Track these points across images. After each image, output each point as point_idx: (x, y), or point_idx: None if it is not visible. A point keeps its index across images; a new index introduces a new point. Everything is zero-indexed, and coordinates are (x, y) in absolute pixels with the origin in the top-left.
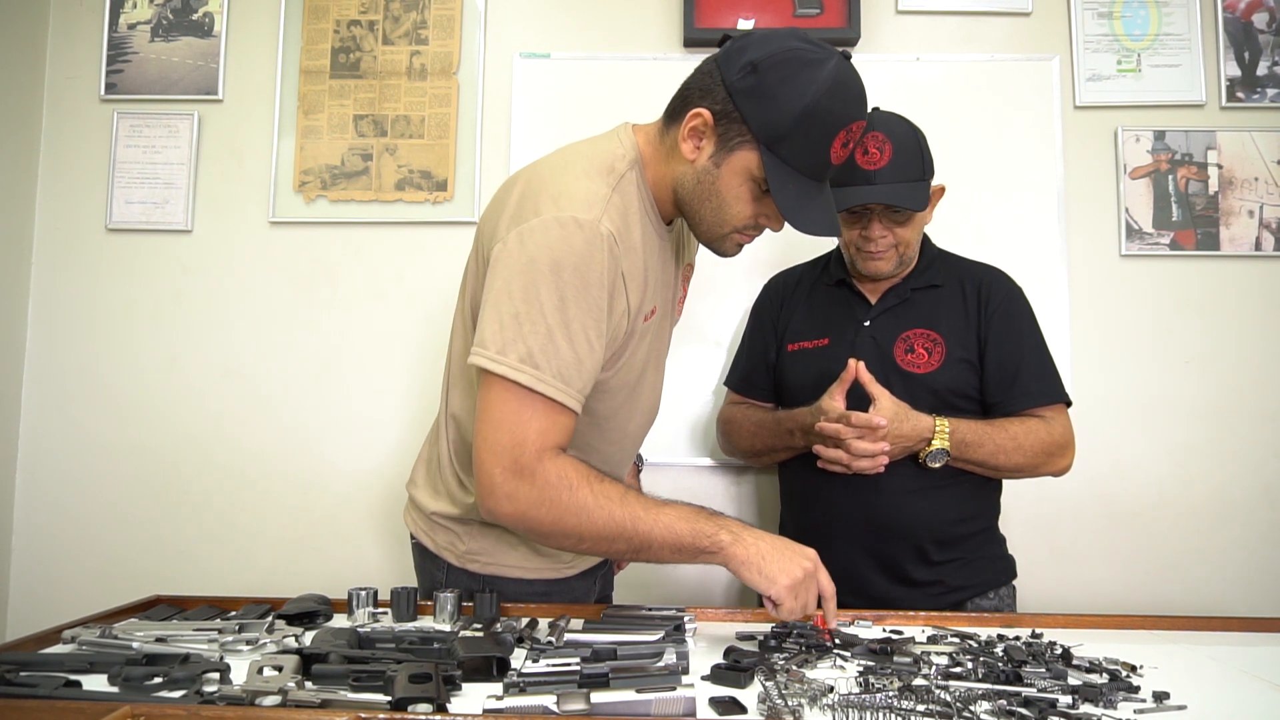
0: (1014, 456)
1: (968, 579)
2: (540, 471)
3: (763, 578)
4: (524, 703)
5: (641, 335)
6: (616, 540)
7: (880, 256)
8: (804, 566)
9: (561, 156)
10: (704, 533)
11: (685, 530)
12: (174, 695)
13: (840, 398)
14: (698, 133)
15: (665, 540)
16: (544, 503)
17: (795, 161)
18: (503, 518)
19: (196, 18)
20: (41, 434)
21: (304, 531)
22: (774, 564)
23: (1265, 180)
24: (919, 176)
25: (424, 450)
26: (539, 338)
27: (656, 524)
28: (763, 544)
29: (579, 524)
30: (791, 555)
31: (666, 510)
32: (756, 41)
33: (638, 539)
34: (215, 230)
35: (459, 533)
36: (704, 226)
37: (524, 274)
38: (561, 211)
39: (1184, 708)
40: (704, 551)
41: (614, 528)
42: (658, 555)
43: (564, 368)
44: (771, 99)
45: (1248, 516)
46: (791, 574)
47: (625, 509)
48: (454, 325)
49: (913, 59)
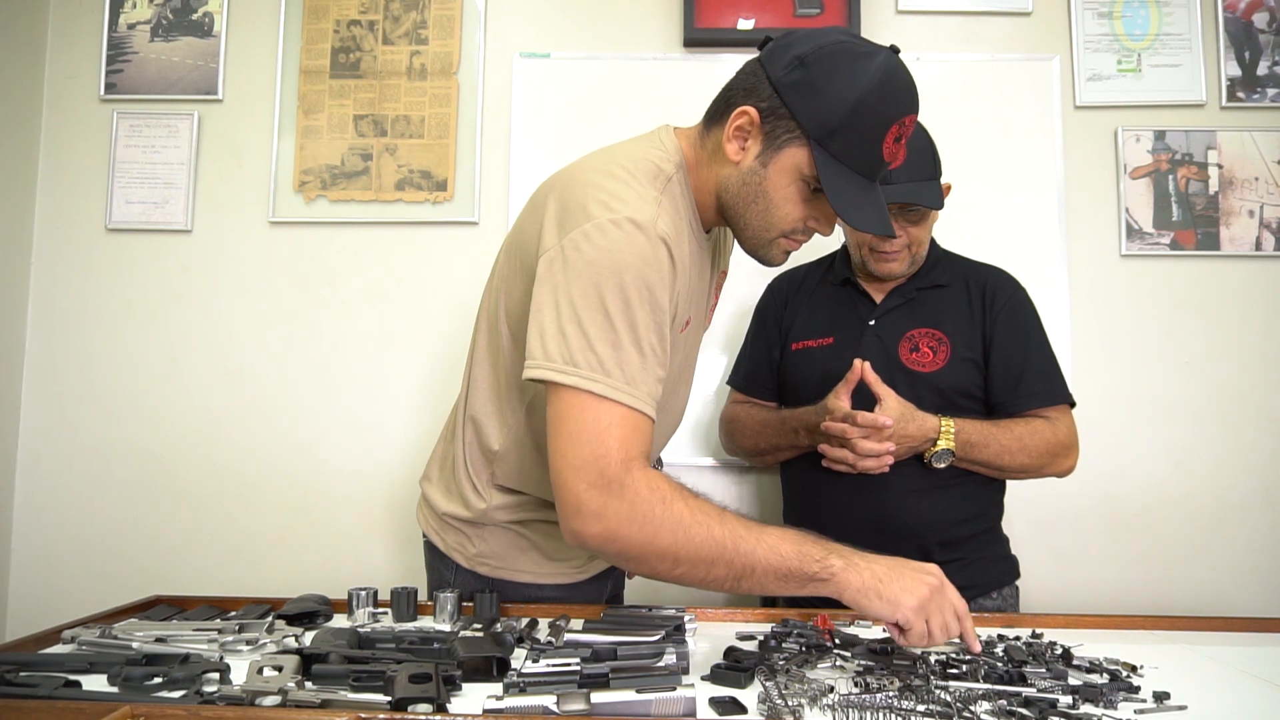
0: (1019, 457)
1: (971, 579)
2: (630, 484)
3: (884, 602)
4: (524, 703)
5: (675, 348)
6: (716, 563)
7: (894, 257)
8: (929, 583)
9: (601, 160)
10: (812, 556)
11: (792, 553)
12: (174, 695)
13: (846, 397)
14: (743, 132)
15: (770, 564)
16: (635, 519)
17: (847, 158)
18: (591, 539)
19: (196, 18)
20: (41, 434)
21: (304, 531)
22: (894, 585)
23: (1265, 180)
24: (932, 175)
25: (439, 447)
26: (606, 345)
27: (760, 544)
28: (877, 566)
29: (674, 542)
30: (911, 574)
31: (770, 531)
32: (802, 38)
33: (739, 561)
34: (215, 230)
35: (469, 535)
36: (749, 232)
37: (584, 280)
38: (616, 214)
39: (1184, 708)
40: (813, 578)
41: (713, 547)
42: (760, 582)
43: (635, 373)
44: (821, 92)
45: (1248, 516)
46: (917, 593)
47: (725, 527)
48: (477, 325)
49: (913, 59)
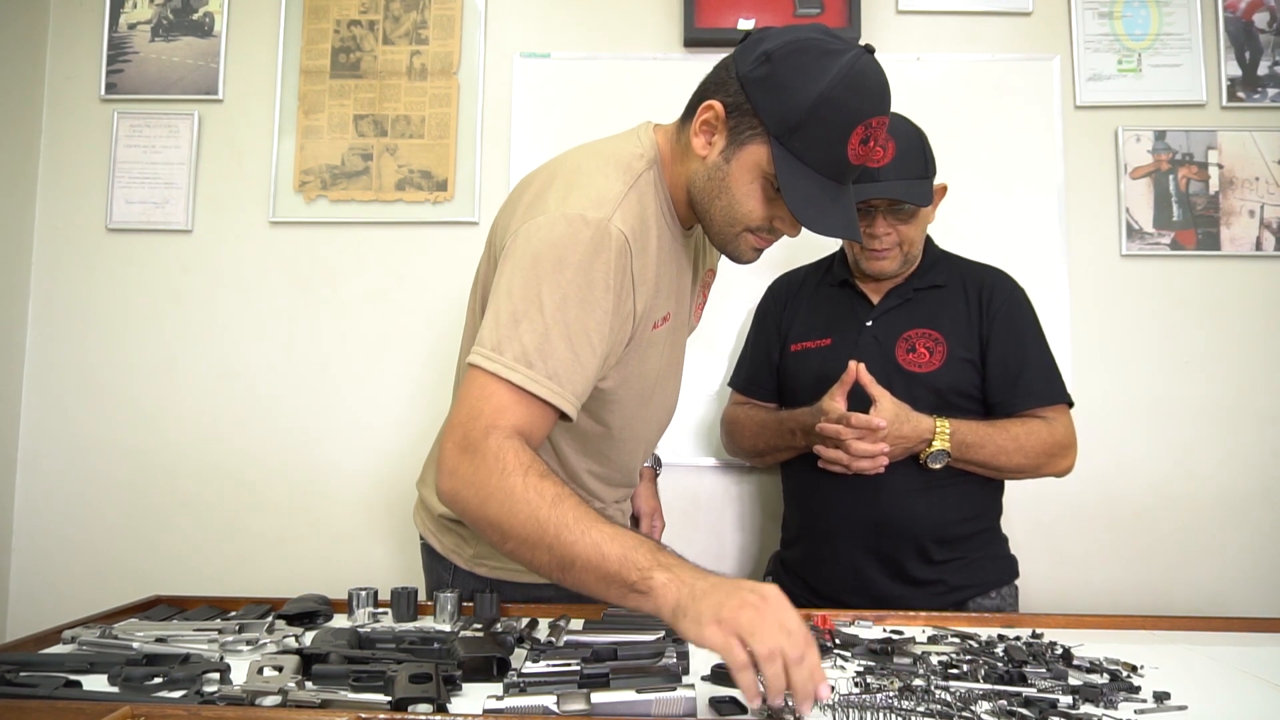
0: (1015, 457)
1: (970, 578)
2: (483, 449)
3: (688, 621)
4: (524, 703)
5: (651, 344)
6: (538, 547)
7: (884, 255)
8: (747, 600)
9: (578, 154)
10: (635, 564)
11: (615, 555)
12: (174, 695)
13: (841, 398)
14: (709, 126)
15: (590, 561)
16: (474, 483)
17: (809, 157)
18: (442, 495)
19: (196, 17)
20: (41, 434)
21: (304, 531)
22: (703, 602)
23: (1266, 180)
24: (922, 174)
25: (434, 449)
26: (535, 336)
27: (584, 538)
28: (700, 584)
29: (500, 514)
30: (729, 591)
31: (601, 528)
32: (774, 33)
33: (560, 550)
34: (215, 230)
35: (465, 536)
36: (715, 227)
37: (526, 272)
38: (569, 208)
39: (1184, 708)
40: (632, 588)
41: (535, 530)
42: (581, 579)
43: (559, 368)
44: (784, 88)
45: (1249, 516)
46: (726, 608)
47: (555, 511)
48: (466, 325)
49: (913, 59)
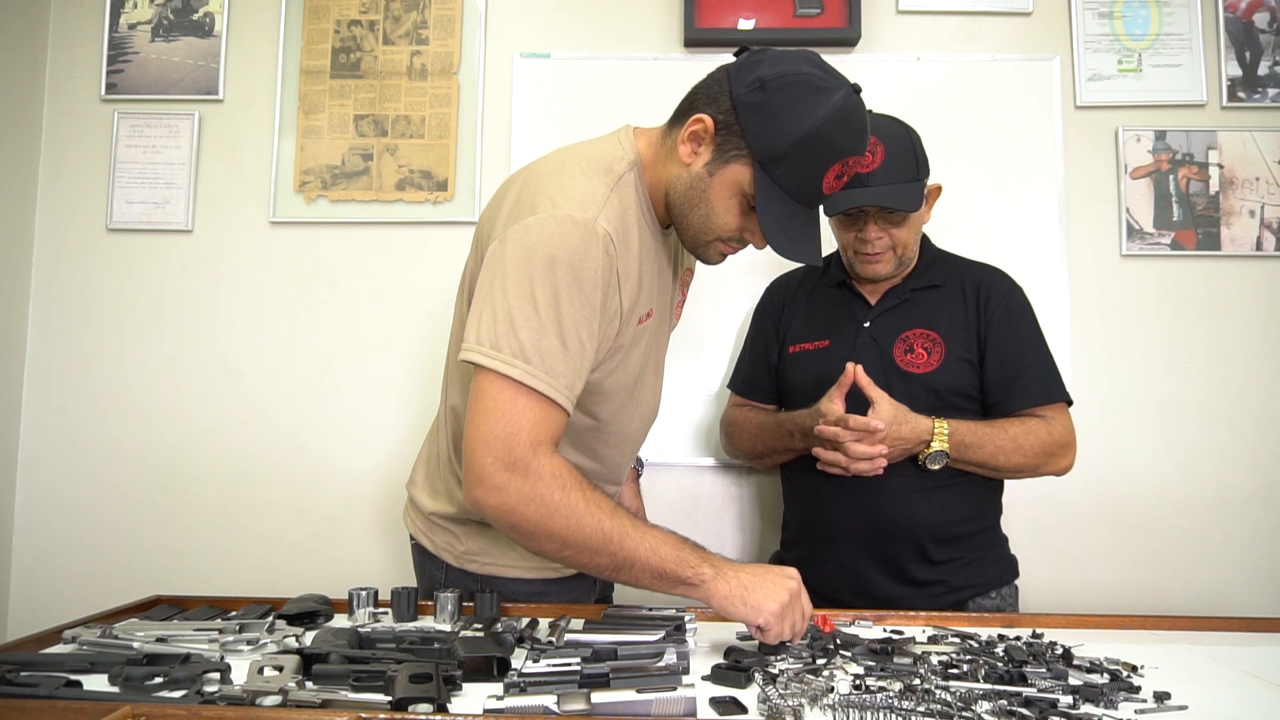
0: (1014, 457)
1: (970, 578)
2: (535, 467)
3: (748, 608)
4: (524, 703)
5: (636, 338)
6: (600, 552)
7: (877, 259)
8: (789, 588)
9: (560, 157)
10: (688, 562)
11: (670, 556)
12: (174, 695)
13: (839, 400)
14: (697, 138)
15: (648, 562)
16: (534, 499)
17: (787, 185)
18: (488, 509)
19: (197, 18)
20: (41, 434)
21: (304, 531)
22: (758, 593)
23: (1266, 180)
24: (913, 177)
25: (424, 449)
26: (531, 333)
27: (643, 543)
28: (743, 575)
29: (565, 527)
30: (774, 579)
31: (654, 533)
32: (770, 59)
33: (622, 555)
34: (215, 230)
35: (457, 533)
36: (690, 232)
37: (518, 271)
38: (558, 209)
39: (1185, 708)
40: (684, 582)
41: (600, 538)
42: (637, 577)
43: (555, 364)
44: (774, 119)
45: (1249, 516)
46: (778, 598)
47: (615, 521)
48: (454, 321)
49: (913, 59)
